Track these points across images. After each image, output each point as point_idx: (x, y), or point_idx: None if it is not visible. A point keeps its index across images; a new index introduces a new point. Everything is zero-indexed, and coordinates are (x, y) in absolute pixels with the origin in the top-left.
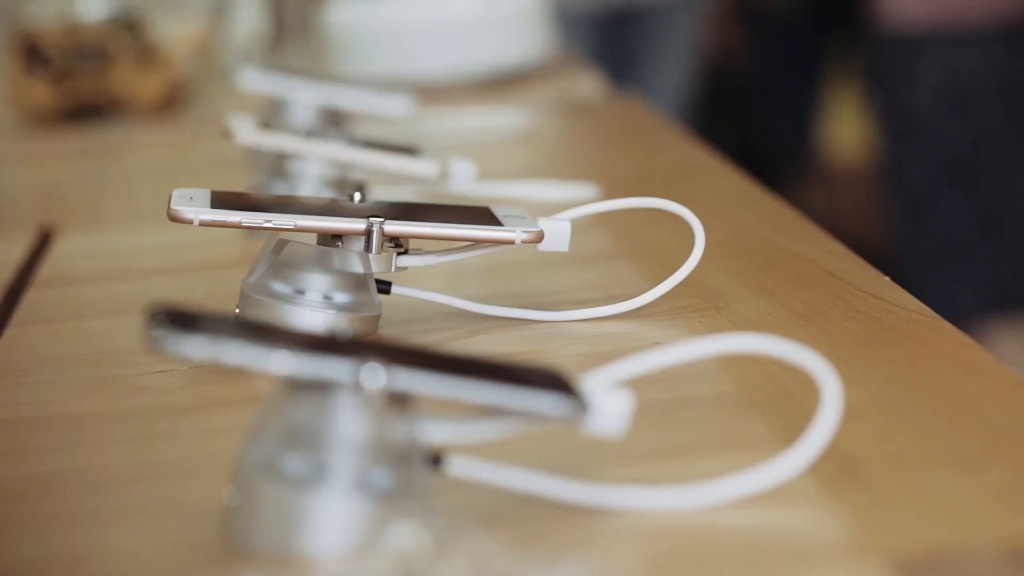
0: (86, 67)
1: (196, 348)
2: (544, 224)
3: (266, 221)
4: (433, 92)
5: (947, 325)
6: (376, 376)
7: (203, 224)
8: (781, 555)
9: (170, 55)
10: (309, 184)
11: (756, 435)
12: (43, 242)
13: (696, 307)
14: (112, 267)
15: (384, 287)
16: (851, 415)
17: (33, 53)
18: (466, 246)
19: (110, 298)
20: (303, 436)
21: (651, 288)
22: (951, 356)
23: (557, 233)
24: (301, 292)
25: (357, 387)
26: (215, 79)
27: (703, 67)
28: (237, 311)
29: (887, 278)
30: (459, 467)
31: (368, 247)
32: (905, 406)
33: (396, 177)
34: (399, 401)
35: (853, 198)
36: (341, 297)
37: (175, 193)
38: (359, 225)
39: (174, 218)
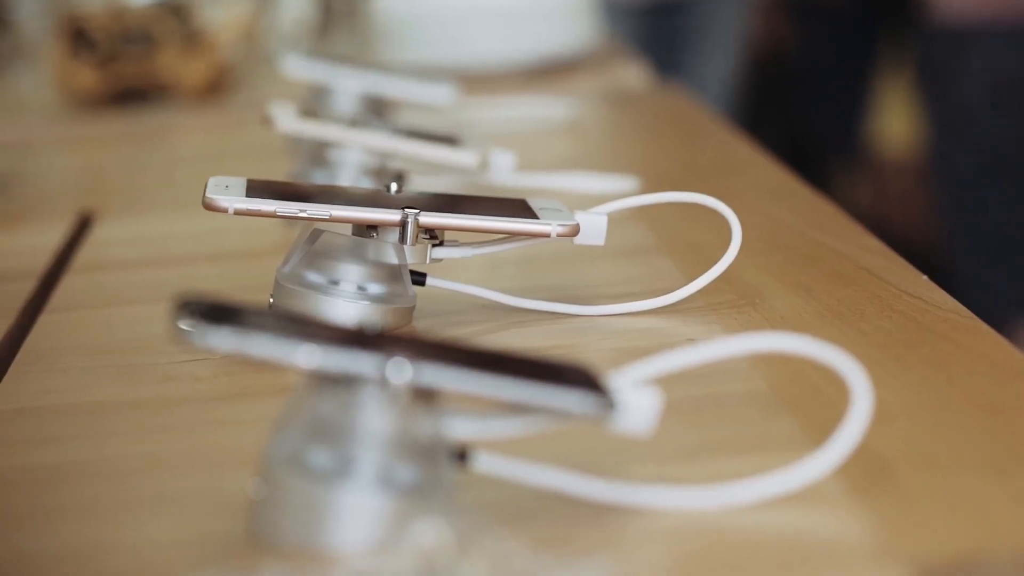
0: (131, 51)
1: (222, 340)
2: (580, 218)
3: (301, 211)
4: (477, 80)
5: (983, 326)
6: (402, 371)
7: (238, 213)
8: (807, 557)
9: (216, 40)
10: (348, 172)
11: (786, 435)
12: (82, 227)
13: (732, 303)
14: (149, 253)
15: (419, 278)
16: (882, 416)
17: (79, 36)
18: (501, 238)
19: (146, 285)
20: (329, 430)
21: (687, 283)
22: (986, 358)
23: (593, 227)
24: (335, 282)
25: (383, 382)
26: (260, 65)
27: (750, 57)
28: (271, 300)
29: (925, 277)
30: (485, 463)
31: (403, 238)
32: (937, 408)
33: (436, 167)
34: (425, 396)
35: (902, 191)
36: (375, 288)
37: (211, 181)
38: (394, 216)
39: (209, 206)
